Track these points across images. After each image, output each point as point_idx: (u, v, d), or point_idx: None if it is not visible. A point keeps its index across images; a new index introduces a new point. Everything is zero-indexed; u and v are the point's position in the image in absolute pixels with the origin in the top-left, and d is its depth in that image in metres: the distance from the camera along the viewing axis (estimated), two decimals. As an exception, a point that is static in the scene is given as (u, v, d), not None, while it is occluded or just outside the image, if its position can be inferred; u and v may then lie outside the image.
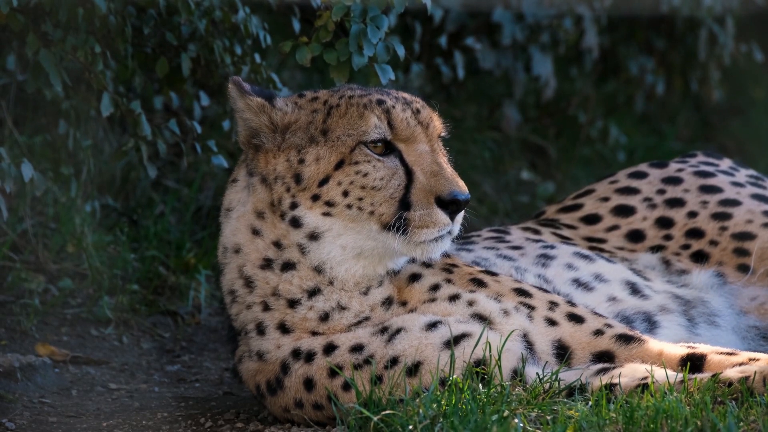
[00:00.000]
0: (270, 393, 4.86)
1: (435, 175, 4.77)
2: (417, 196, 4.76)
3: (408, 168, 4.80)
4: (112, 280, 6.68)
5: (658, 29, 9.97)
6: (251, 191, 4.90)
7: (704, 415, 4.22)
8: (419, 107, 4.90)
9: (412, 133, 4.83)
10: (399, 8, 5.38)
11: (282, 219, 4.84)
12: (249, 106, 4.90)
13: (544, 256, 5.39)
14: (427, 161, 4.80)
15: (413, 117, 4.85)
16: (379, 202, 4.77)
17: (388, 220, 4.75)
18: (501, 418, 4.31)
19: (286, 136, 4.87)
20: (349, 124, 4.82)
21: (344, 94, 4.89)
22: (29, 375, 5.81)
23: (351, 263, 4.82)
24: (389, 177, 4.78)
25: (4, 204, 5.66)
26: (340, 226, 4.80)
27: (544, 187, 9.50)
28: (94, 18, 5.68)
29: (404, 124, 4.82)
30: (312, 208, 4.80)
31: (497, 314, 4.85)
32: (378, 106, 4.83)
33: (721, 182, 5.77)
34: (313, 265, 4.83)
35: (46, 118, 6.77)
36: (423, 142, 4.84)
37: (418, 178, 4.78)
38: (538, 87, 9.43)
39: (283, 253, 4.86)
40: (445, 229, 4.75)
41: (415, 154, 4.82)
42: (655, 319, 5.28)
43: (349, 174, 4.78)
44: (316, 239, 4.82)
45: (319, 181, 4.80)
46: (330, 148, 4.81)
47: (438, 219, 4.74)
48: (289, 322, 4.86)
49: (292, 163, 4.84)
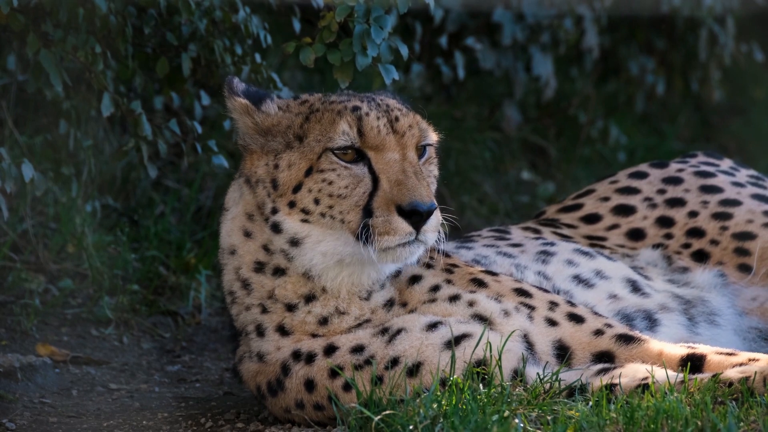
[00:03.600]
0: (271, 394, 4.86)
1: (399, 184, 4.74)
2: (378, 203, 4.72)
3: (375, 176, 4.78)
4: (113, 280, 6.67)
5: (658, 29, 9.97)
6: (242, 192, 4.91)
7: (704, 416, 4.22)
8: (399, 115, 4.84)
9: (383, 141, 4.79)
10: (403, 8, 5.38)
11: (266, 223, 4.85)
12: (234, 106, 4.92)
13: (544, 253, 5.39)
14: (394, 170, 4.77)
15: (387, 125, 4.81)
16: (346, 210, 4.75)
17: (355, 227, 4.73)
18: (501, 419, 4.31)
19: (268, 139, 4.87)
20: (321, 131, 4.81)
21: (327, 99, 4.89)
22: (29, 375, 5.81)
23: (335, 271, 4.81)
24: (354, 185, 4.76)
25: (4, 204, 5.66)
26: (318, 232, 4.78)
27: (544, 187, 9.50)
28: (95, 18, 5.68)
29: (374, 132, 4.79)
30: (290, 215, 4.80)
31: (498, 314, 4.85)
32: (351, 113, 4.81)
33: (722, 182, 5.77)
34: (300, 271, 4.83)
35: (46, 118, 6.76)
36: (394, 151, 4.80)
37: (382, 186, 4.74)
38: (539, 87, 9.42)
39: (272, 258, 4.86)
40: (406, 237, 4.71)
41: (384, 162, 4.79)
42: (655, 317, 5.28)
43: (317, 181, 4.77)
44: (297, 245, 4.81)
45: (293, 188, 4.79)
46: (301, 154, 4.81)
47: (398, 227, 4.70)
48: (288, 325, 4.86)
49: (269, 167, 4.84)
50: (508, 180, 9.46)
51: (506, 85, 9.52)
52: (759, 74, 10.75)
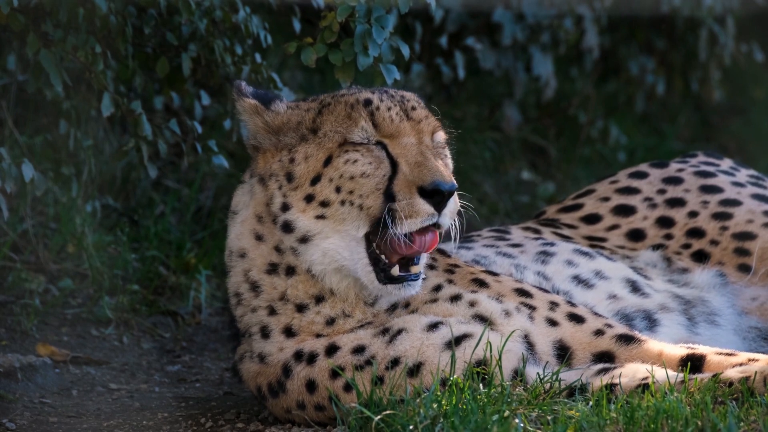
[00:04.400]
0: (271, 395, 4.86)
1: (418, 166, 4.75)
2: (400, 186, 4.73)
3: (393, 159, 4.79)
4: (113, 280, 6.67)
5: (658, 29, 9.97)
6: (252, 194, 4.91)
7: (705, 415, 4.22)
8: (414, 105, 4.88)
9: (397, 128, 4.81)
10: (404, 8, 5.38)
11: (275, 223, 4.84)
12: (244, 108, 4.93)
13: (544, 253, 5.39)
14: (412, 153, 4.79)
15: (400, 113, 4.83)
16: (366, 194, 4.75)
17: (377, 213, 4.73)
18: (501, 418, 4.31)
19: (280, 136, 4.89)
20: (336, 121, 4.83)
21: (337, 94, 4.91)
22: (30, 375, 5.81)
23: (336, 277, 4.81)
24: (376, 164, 4.77)
25: (4, 204, 5.66)
26: (329, 228, 4.79)
27: (544, 188, 9.50)
28: (95, 18, 5.68)
29: (388, 121, 4.81)
30: (305, 211, 4.80)
31: (499, 315, 4.85)
32: (364, 107, 4.83)
33: (722, 182, 5.77)
34: (305, 268, 4.83)
35: (46, 118, 6.77)
36: (410, 136, 4.82)
37: (402, 168, 4.76)
38: (539, 87, 9.42)
39: (284, 257, 4.86)
40: (429, 219, 4.72)
41: (400, 146, 4.80)
42: (655, 317, 5.28)
43: (338, 167, 4.78)
44: (305, 242, 4.82)
45: (311, 180, 4.80)
46: (318, 145, 4.82)
47: (420, 209, 4.71)
48: (296, 326, 4.86)
49: (284, 162, 4.85)
50: (508, 180, 9.46)
51: (506, 85, 9.52)
52: (759, 74, 10.75)
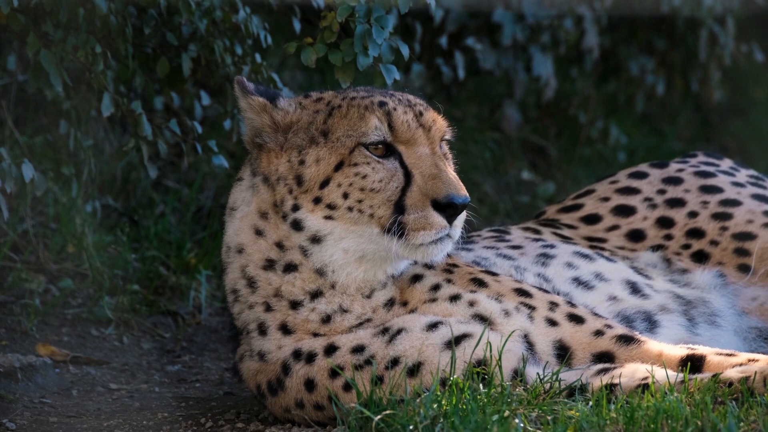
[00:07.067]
0: (271, 393, 4.86)
1: (433, 178, 4.76)
2: (412, 198, 4.74)
3: (407, 170, 4.78)
4: (113, 280, 6.68)
5: (658, 29, 9.97)
6: (255, 191, 4.90)
7: (704, 416, 4.22)
8: (422, 110, 4.88)
9: (413, 135, 4.82)
10: (403, 8, 5.38)
11: (284, 221, 4.84)
12: (251, 105, 4.90)
13: (544, 255, 5.39)
14: (427, 164, 4.79)
15: (415, 119, 4.84)
16: (377, 205, 4.75)
17: (385, 223, 4.74)
18: (501, 418, 4.31)
19: (288, 136, 4.87)
20: (349, 126, 4.82)
21: (347, 96, 4.89)
22: (30, 375, 5.81)
23: (353, 267, 4.81)
24: (388, 179, 4.77)
25: (4, 204, 5.66)
26: (341, 229, 4.79)
27: (544, 188, 9.50)
28: (95, 18, 5.68)
29: (405, 126, 4.81)
30: (314, 212, 4.79)
31: (498, 315, 4.85)
32: (379, 108, 4.82)
33: (722, 182, 5.77)
34: (315, 267, 4.83)
35: (46, 118, 6.77)
36: (424, 145, 4.83)
37: (416, 180, 4.76)
38: (539, 87, 9.42)
39: (285, 254, 4.86)
40: (442, 232, 4.73)
41: (415, 156, 4.80)
42: (655, 318, 5.28)
43: (348, 176, 4.77)
44: (319, 242, 4.81)
45: (320, 183, 4.79)
46: (330, 149, 4.81)
47: (434, 221, 4.72)
48: (291, 323, 4.86)
49: (293, 164, 4.83)
50: (508, 180, 9.46)
51: (506, 85, 9.52)
52: (759, 74, 10.75)
